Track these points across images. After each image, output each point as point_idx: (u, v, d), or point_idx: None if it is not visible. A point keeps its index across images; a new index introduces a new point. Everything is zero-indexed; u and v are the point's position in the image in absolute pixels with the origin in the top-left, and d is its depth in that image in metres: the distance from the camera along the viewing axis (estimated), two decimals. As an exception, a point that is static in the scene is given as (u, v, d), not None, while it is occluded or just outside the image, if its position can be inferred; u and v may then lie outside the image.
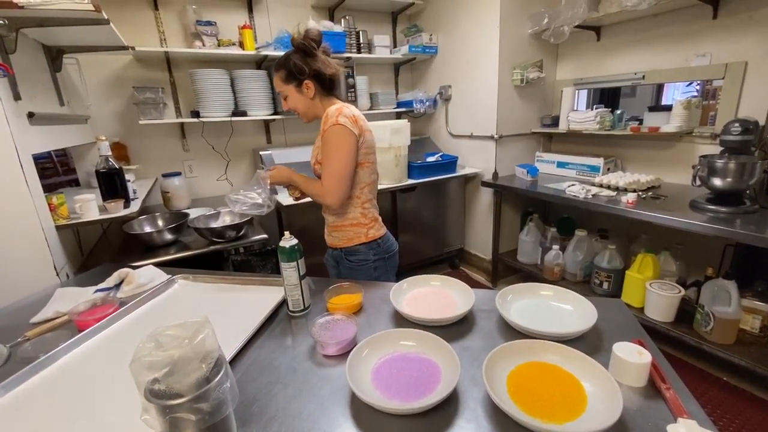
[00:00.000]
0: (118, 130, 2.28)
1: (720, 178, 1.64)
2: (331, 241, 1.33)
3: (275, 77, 1.20)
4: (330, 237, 1.34)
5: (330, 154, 1.15)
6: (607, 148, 2.49)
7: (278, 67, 1.18)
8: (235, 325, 0.88)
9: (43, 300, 1.04)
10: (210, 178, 2.61)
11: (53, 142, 1.55)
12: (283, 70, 1.17)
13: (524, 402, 0.61)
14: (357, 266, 1.27)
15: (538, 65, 2.54)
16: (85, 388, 0.71)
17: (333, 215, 1.27)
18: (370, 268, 1.28)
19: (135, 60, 2.25)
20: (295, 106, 1.22)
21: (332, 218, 1.28)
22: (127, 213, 1.52)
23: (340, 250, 1.30)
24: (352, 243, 1.26)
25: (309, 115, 1.25)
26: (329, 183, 1.16)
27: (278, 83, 1.20)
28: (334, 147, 1.14)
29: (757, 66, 1.80)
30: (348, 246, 1.27)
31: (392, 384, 0.67)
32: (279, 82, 1.20)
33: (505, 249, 2.73)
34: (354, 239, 1.26)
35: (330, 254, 1.40)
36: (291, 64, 1.15)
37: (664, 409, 0.60)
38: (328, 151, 1.15)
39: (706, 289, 1.68)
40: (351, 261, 1.28)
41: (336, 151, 1.14)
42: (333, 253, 1.37)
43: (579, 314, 0.85)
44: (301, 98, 1.20)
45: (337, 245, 1.31)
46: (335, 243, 1.31)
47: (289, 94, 1.20)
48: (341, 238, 1.28)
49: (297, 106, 1.22)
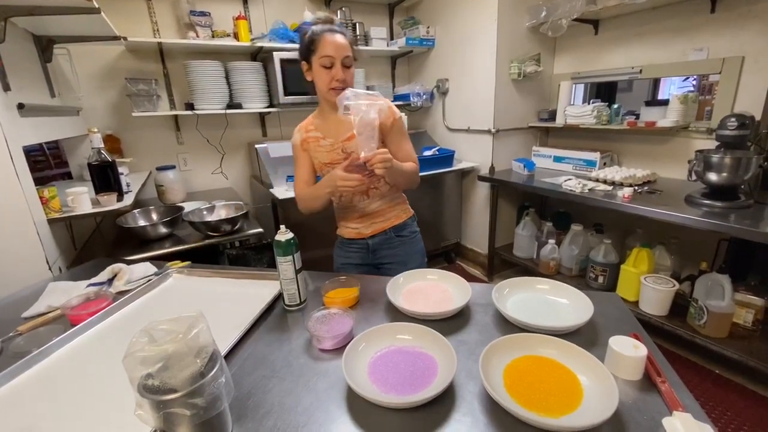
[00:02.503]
0: (110, 123, 2.25)
1: (715, 173, 1.64)
2: (374, 228, 1.27)
3: (348, 41, 1.11)
4: (371, 225, 1.27)
5: (407, 139, 1.23)
6: (603, 142, 2.49)
7: (349, 37, 1.13)
8: (231, 319, 0.87)
9: (35, 294, 1.03)
10: (205, 172, 2.59)
11: (44, 134, 1.53)
12: (352, 44, 1.13)
13: (520, 395, 0.61)
14: (409, 239, 1.32)
15: (535, 59, 2.52)
16: (78, 383, 0.71)
17: (382, 198, 1.27)
18: (419, 238, 1.36)
19: (127, 51, 2.22)
20: (352, 78, 1.15)
21: (380, 202, 1.26)
22: (120, 206, 1.50)
23: (385, 232, 1.28)
24: (401, 219, 1.30)
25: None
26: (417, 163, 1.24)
27: (350, 49, 1.11)
28: (406, 133, 1.24)
29: (754, 60, 1.80)
30: (398, 223, 1.30)
31: (389, 378, 0.67)
32: (351, 47, 1.12)
33: (501, 243, 2.74)
34: (402, 215, 1.31)
35: (362, 246, 1.31)
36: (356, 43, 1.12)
37: (659, 403, 0.61)
38: (405, 137, 1.23)
39: (700, 283, 1.69)
40: (403, 236, 1.31)
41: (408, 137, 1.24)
42: (374, 241, 1.29)
43: (575, 308, 0.85)
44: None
45: (383, 228, 1.28)
46: (382, 226, 1.27)
47: (352, 66, 1.14)
48: (390, 217, 1.29)
49: (352, 80, 1.16)
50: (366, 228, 1.28)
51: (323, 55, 1.08)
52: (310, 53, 1.10)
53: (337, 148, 1.18)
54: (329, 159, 1.20)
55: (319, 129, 1.21)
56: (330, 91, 1.11)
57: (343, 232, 1.34)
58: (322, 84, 1.12)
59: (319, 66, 1.10)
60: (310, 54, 1.11)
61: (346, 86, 1.11)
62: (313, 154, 1.22)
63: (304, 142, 1.23)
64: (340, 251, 1.37)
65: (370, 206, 1.26)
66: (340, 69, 1.10)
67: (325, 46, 1.08)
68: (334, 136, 1.19)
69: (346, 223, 1.31)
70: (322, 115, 1.23)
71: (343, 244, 1.35)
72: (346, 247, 1.34)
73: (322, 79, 1.11)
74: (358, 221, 1.28)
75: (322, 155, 1.20)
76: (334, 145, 1.19)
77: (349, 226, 1.30)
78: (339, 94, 1.05)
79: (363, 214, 1.27)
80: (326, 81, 1.11)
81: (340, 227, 1.35)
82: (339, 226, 1.36)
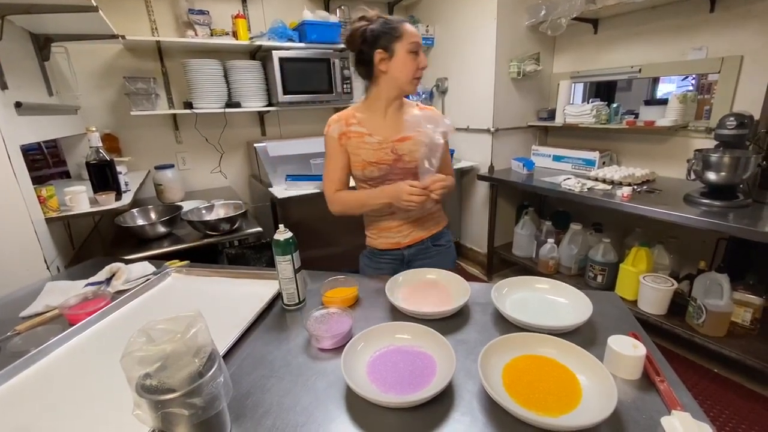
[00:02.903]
0: (108, 122, 2.24)
1: (714, 172, 1.65)
2: (413, 237, 1.22)
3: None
4: (410, 234, 1.22)
5: (448, 152, 1.20)
6: (602, 141, 2.49)
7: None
8: (230, 318, 0.87)
9: (33, 294, 1.03)
10: (204, 171, 2.58)
11: (42, 133, 1.52)
12: None
13: (519, 395, 0.61)
14: (445, 249, 1.28)
15: (535, 58, 2.52)
16: (76, 383, 0.70)
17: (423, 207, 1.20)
18: (453, 247, 1.32)
19: (126, 49, 2.21)
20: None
21: (421, 210, 1.22)
22: (118, 205, 1.50)
23: (422, 242, 1.23)
24: (439, 228, 1.26)
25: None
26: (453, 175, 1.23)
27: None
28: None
29: (753, 60, 1.80)
30: (436, 232, 1.25)
31: (387, 377, 0.67)
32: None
33: (500, 242, 2.74)
34: (440, 223, 1.27)
35: (395, 257, 1.24)
36: None
37: (658, 402, 0.61)
38: (448, 151, 1.18)
39: (699, 282, 1.70)
40: (440, 245, 1.27)
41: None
42: (410, 251, 1.23)
43: (574, 307, 0.85)
44: None
45: (421, 237, 1.23)
46: (420, 235, 1.22)
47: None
48: (429, 227, 1.24)
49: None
50: (404, 237, 1.22)
51: (412, 41, 1.04)
52: (394, 39, 1.04)
53: (386, 147, 1.11)
54: (376, 158, 1.11)
55: (364, 124, 1.13)
56: (413, 81, 1.08)
57: (376, 243, 1.25)
58: (407, 71, 1.07)
59: (406, 52, 1.05)
60: (393, 40, 1.04)
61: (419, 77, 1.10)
62: (353, 150, 1.13)
63: (343, 137, 1.13)
64: (369, 262, 1.28)
65: (411, 215, 1.20)
66: (424, 57, 1.08)
67: (411, 33, 1.05)
68: (384, 135, 1.12)
69: (381, 232, 1.23)
70: (370, 110, 1.15)
71: (374, 255, 1.27)
72: (378, 258, 1.25)
73: (409, 66, 1.06)
74: (396, 230, 1.21)
75: (367, 153, 1.11)
76: (383, 144, 1.11)
77: (385, 236, 1.23)
78: (418, 85, 1.10)
79: (403, 222, 1.21)
80: (412, 69, 1.06)
81: (371, 237, 1.26)
82: (370, 236, 1.27)
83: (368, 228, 1.28)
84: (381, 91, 1.12)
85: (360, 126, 1.13)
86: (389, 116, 1.14)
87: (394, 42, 1.04)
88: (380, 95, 1.12)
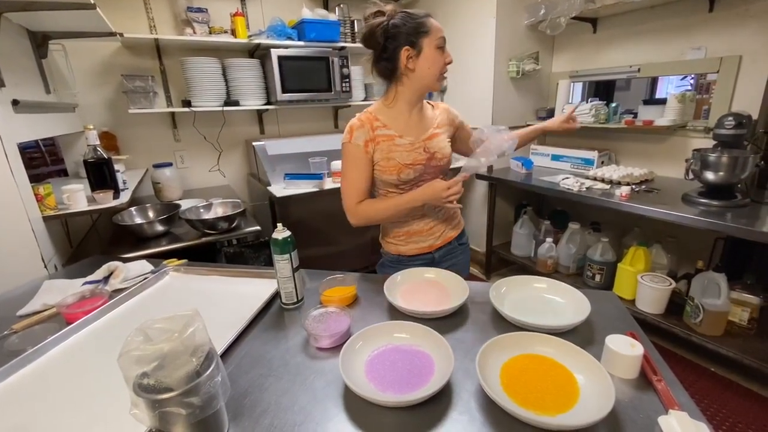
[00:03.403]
0: (106, 120, 2.23)
1: (712, 172, 1.65)
2: (444, 238, 1.19)
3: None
4: (442, 236, 1.19)
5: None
6: (601, 141, 2.49)
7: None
8: (228, 317, 0.87)
9: (30, 292, 1.02)
10: (202, 169, 2.58)
11: (39, 130, 1.51)
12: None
13: (517, 394, 0.61)
14: (466, 246, 1.29)
15: (534, 57, 2.52)
16: (73, 382, 0.70)
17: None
18: (468, 244, 1.32)
19: (124, 47, 2.20)
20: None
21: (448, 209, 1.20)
22: (116, 204, 1.49)
23: (450, 242, 1.21)
24: (462, 225, 1.27)
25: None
26: None
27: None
28: None
29: (751, 60, 1.80)
30: (460, 231, 1.25)
31: (386, 376, 0.67)
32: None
33: (498, 241, 2.74)
34: (461, 222, 1.27)
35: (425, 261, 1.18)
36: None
37: (655, 401, 0.61)
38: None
39: (697, 281, 1.70)
40: (463, 243, 1.27)
41: None
42: (439, 253, 1.19)
43: (572, 307, 0.85)
44: None
45: (451, 237, 1.21)
46: (450, 235, 1.20)
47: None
48: (456, 225, 1.23)
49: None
50: (437, 239, 1.18)
51: (440, 36, 1.01)
52: (421, 35, 1.00)
53: (418, 147, 1.08)
54: (411, 159, 1.07)
55: (391, 126, 1.07)
56: (440, 77, 1.06)
57: (404, 249, 1.18)
58: (435, 68, 1.03)
59: (434, 48, 1.01)
60: (421, 36, 0.99)
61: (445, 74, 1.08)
62: (384, 155, 1.06)
63: (371, 143, 1.05)
64: (393, 271, 1.03)
65: (440, 215, 1.18)
66: (448, 51, 1.04)
67: (437, 27, 1.01)
68: (414, 134, 1.09)
69: (411, 237, 1.16)
70: (393, 110, 1.09)
71: (401, 263, 1.17)
72: (406, 265, 1.11)
73: (438, 63, 1.02)
74: (428, 233, 1.16)
75: (402, 156, 1.06)
76: (415, 144, 1.08)
77: (415, 240, 1.17)
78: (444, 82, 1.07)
79: (436, 224, 1.17)
80: (440, 65, 1.03)
81: (397, 244, 1.18)
82: (395, 243, 1.19)
83: (391, 235, 1.19)
84: (405, 90, 1.06)
85: (386, 129, 1.06)
86: (413, 116, 1.10)
87: (421, 38, 1.00)
88: (404, 94, 1.07)
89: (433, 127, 1.14)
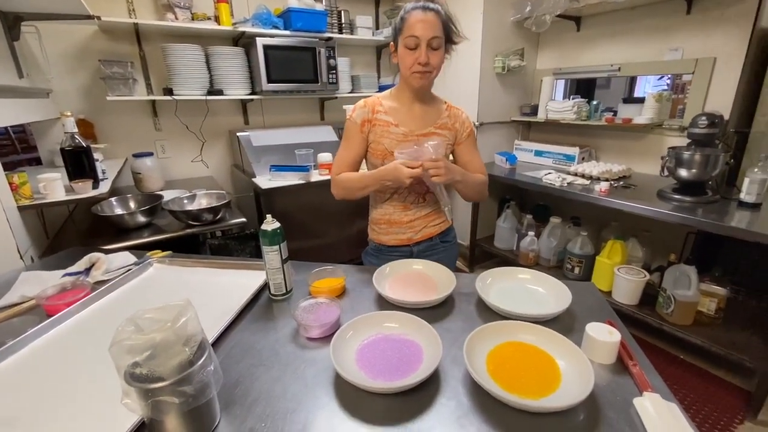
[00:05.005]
0: (83, 107, 2.15)
1: (686, 169, 1.72)
2: (424, 233, 1.22)
3: (439, 19, 1.02)
4: (422, 230, 1.21)
5: (477, 150, 1.24)
6: (582, 137, 2.56)
7: (444, 16, 1.04)
8: (215, 309, 0.87)
9: (6, 284, 0.99)
10: (184, 159, 2.52)
11: (11, 117, 1.45)
12: (448, 23, 1.05)
13: (503, 379, 0.63)
14: (451, 245, 1.29)
15: (519, 53, 2.56)
16: (58, 374, 0.69)
17: (436, 203, 1.20)
18: (456, 242, 1.32)
19: (101, 31, 2.11)
20: (441, 63, 1.08)
21: (434, 206, 1.22)
22: (96, 194, 1.45)
23: (431, 238, 1.23)
24: (448, 224, 1.27)
25: (433, 80, 1.12)
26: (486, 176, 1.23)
27: (440, 29, 1.02)
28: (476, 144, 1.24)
29: (724, 62, 1.88)
30: (446, 228, 1.26)
31: (376, 365, 0.68)
32: (442, 28, 1.03)
33: (482, 235, 2.79)
34: (446, 221, 1.26)
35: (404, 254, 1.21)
36: (455, 22, 1.07)
37: (630, 384, 0.65)
38: (476, 148, 1.24)
39: (669, 273, 1.78)
40: (447, 241, 1.27)
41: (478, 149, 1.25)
42: (419, 248, 1.22)
43: (554, 297, 0.88)
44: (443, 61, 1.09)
45: (431, 234, 1.23)
46: (431, 231, 1.22)
47: (441, 49, 1.05)
48: (439, 222, 1.24)
49: (440, 65, 1.08)
50: (416, 234, 1.20)
51: (408, 35, 1.00)
52: (398, 32, 1.03)
53: (411, 139, 1.11)
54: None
55: (392, 114, 1.12)
56: (412, 75, 1.04)
57: (384, 239, 1.22)
58: (403, 67, 1.05)
59: (402, 47, 1.02)
60: (398, 33, 1.03)
61: (431, 70, 1.05)
62: (376, 138, 1.11)
63: (367, 123, 1.11)
64: (374, 260, 1.24)
65: (423, 210, 1.20)
66: (424, 51, 1.01)
67: (412, 25, 1.00)
68: (410, 126, 1.12)
69: (391, 227, 1.20)
70: (399, 100, 1.14)
71: (381, 252, 1.24)
72: (386, 255, 1.21)
73: (404, 61, 1.04)
74: (407, 225, 1.20)
75: (391, 143, 1.10)
76: (408, 136, 1.11)
77: (395, 231, 1.20)
78: (423, 78, 1.05)
79: (414, 218, 1.19)
80: (408, 64, 1.03)
81: (379, 232, 1.23)
82: (377, 231, 1.24)
83: (376, 222, 1.24)
84: (402, 82, 1.13)
85: (386, 115, 1.12)
86: (416, 109, 1.14)
87: (398, 35, 1.05)
88: (402, 86, 1.14)
89: (434, 125, 1.15)
